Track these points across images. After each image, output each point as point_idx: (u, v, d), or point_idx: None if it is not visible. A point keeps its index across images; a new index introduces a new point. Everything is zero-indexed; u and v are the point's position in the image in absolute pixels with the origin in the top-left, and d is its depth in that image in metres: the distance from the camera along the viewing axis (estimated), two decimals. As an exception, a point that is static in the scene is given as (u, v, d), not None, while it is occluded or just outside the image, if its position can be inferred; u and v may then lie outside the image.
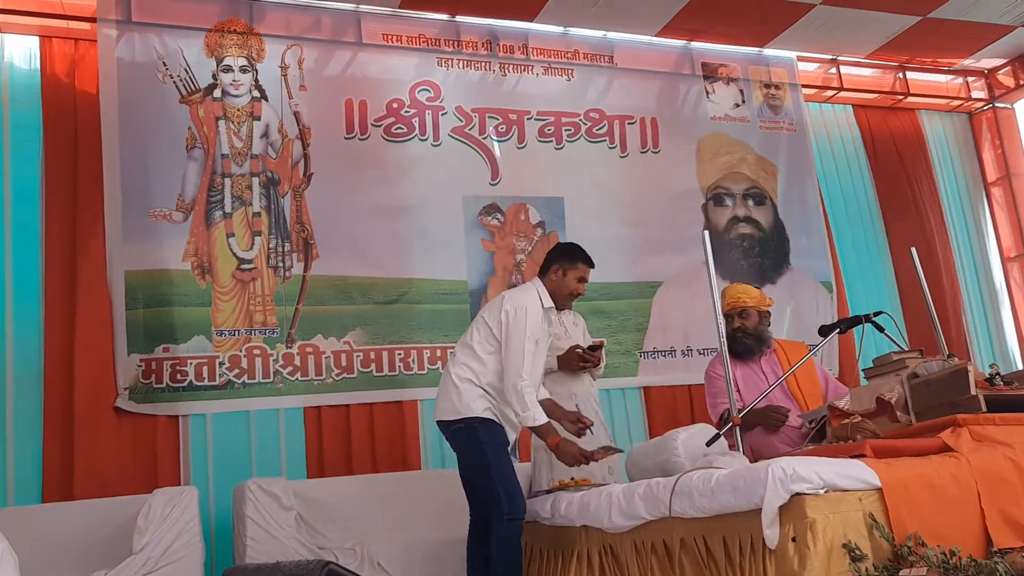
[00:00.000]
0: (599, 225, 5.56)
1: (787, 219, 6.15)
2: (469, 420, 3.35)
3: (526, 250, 5.45)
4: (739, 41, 6.33)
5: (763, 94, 6.39)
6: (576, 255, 3.63)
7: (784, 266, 6.03)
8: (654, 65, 6.10)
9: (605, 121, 5.81)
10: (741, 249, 5.94)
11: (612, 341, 5.45)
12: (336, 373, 4.83)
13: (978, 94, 7.20)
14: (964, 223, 7.03)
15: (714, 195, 5.99)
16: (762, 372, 3.86)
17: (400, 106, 5.34)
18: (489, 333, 3.43)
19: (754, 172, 6.16)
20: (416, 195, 5.22)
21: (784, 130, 6.37)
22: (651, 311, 5.58)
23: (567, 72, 5.84)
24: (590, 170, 5.70)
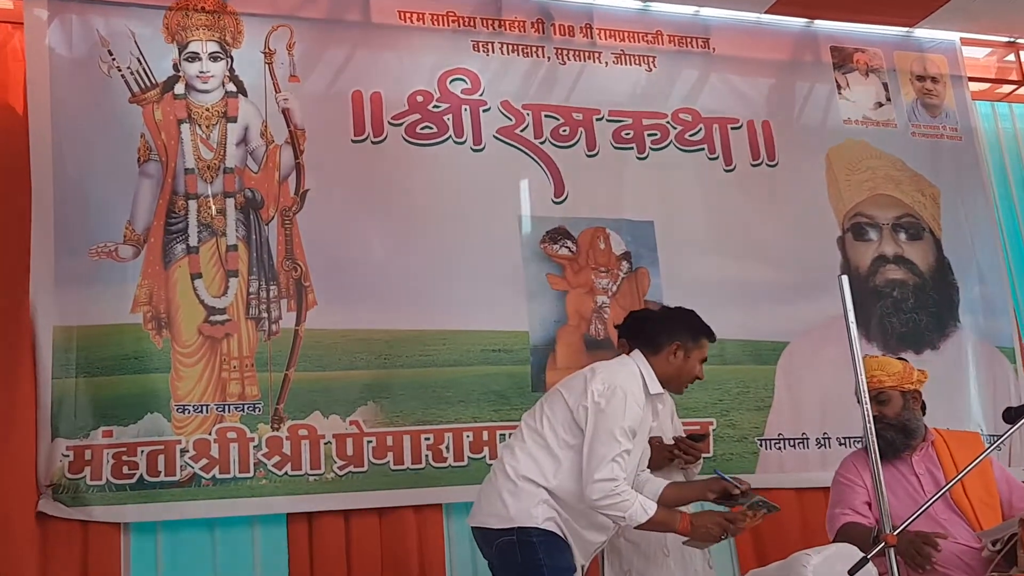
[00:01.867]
0: (702, 260, 5.47)
1: (955, 259, 6.04)
2: (525, 531, 3.35)
3: (609, 290, 5.34)
4: (881, 18, 6.25)
5: (916, 89, 6.32)
6: (700, 329, 3.70)
7: (951, 325, 5.93)
8: (765, 52, 6.05)
9: (701, 124, 5.76)
10: (891, 300, 5.83)
11: (724, 423, 5.32)
12: (339, 465, 4.70)
13: None
14: None
15: (853, 225, 5.90)
16: (913, 474, 3.86)
17: (427, 100, 5.30)
18: (569, 418, 3.46)
19: (908, 195, 6.07)
20: (453, 215, 5.13)
21: (946, 138, 6.29)
22: (775, 382, 5.47)
23: (647, 61, 5.80)
24: (685, 187, 5.62)
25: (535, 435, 3.48)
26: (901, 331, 5.76)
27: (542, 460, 3.42)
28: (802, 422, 5.46)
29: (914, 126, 6.24)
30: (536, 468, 3.41)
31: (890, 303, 5.82)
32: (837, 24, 6.23)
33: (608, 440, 3.34)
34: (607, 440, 3.34)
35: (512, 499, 3.39)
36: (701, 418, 5.23)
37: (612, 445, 3.34)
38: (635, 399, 3.45)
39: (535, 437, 3.48)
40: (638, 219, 5.46)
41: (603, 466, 3.31)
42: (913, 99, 6.29)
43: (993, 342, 5.99)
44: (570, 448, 3.41)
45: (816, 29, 6.21)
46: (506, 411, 4.91)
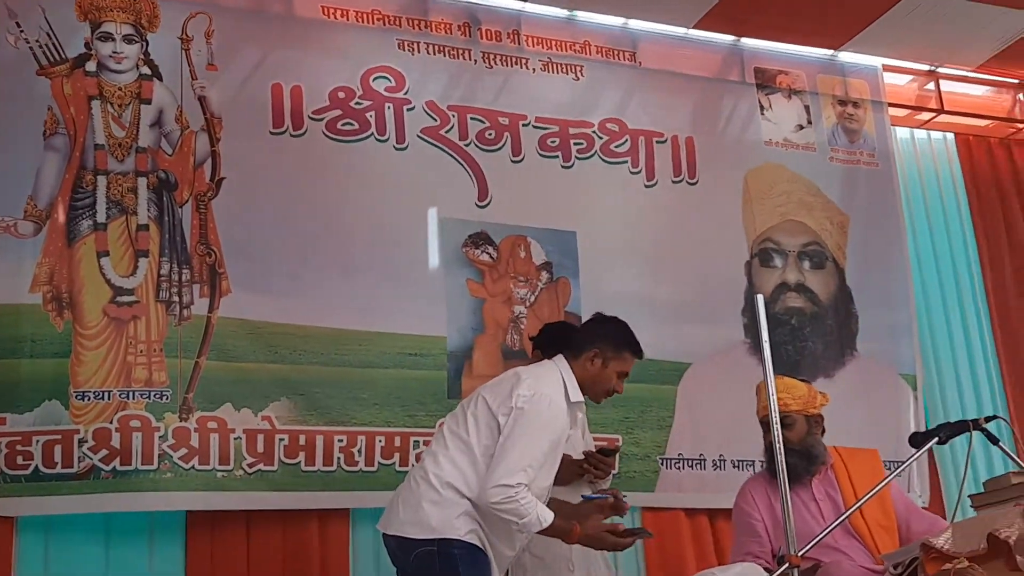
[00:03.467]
0: (621, 275, 5.62)
1: (858, 289, 6.29)
2: (447, 543, 3.37)
3: (527, 300, 5.44)
4: (805, 40, 6.53)
5: (837, 113, 6.58)
6: (624, 342, 3.76)
7: (848, 353, 6.14)
8: (691, 67, 6.27)
9: (627, 136, 5.94)
10: (789, 328, 6.02)
11: (628, 440, 5.45)
12: (249, 463, 4.70)
13: None
14: None
15: (761, 251, 6.10)
16: (813, 500, 3.94)
17: (349, 96, 5.40)
18: (492, 423, 3.49)
19: (817, 222, 6.30)
20: (374, 213, 5.22)
21: (863, 164, 6.56)
22: (676, 403, 5.64)
23: (575, 70, 5.99)
24: (608, 199, 5.79)
25: (458, 440, 3.50)
26: (795, 359, 5.94)
27: (465, 467, 3.44)
28: (701, 443, 5.62)
29: (833, 150, 6.49)
30: (459, 475, 3.43)
31: (787, 331, 6.01)
32: (762, 44, 6.49)
33: (523, 446, 3.39)
34: (522, 446, 3.39)
35: (434, 508, 3.40)
36: (608, 434, 5.35)
37: (526, 452, 3.38)
38: (557, 408, 3.50)
39: (458, 443, 3.49)
40: (561, 228, 5.59)
41: (511, 472, 3.34)
42: (834, 123, 6.55)
43: (896, 368, 6.24)
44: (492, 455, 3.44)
45: (742, 48, 6.47)
46: (421, 417, 4.98)
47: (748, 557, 3.91)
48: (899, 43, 6.56)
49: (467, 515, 3.41)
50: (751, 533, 3.94)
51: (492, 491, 3.34)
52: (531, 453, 3.40)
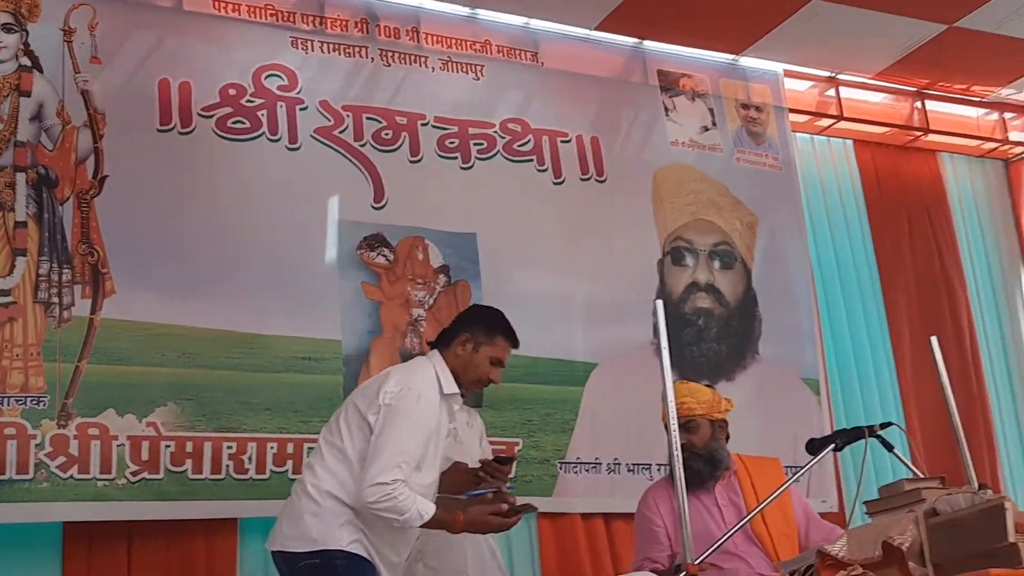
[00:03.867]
0: (526, 275, 5.61)
1: (763, 291, 6.35)
2: (330, 554, 3.39)
3: (426, 303, 5.41)
4: (708, 44, 6.60)
5: (740, 117, 6.67)
6: (496, 326, 3.78)
7: (749, 356, 6.20)
8: (594, 68, 6.30)
9: (530, 136, 5.94)
10: (696, 329, 6.08)
11: (529, 444, 5.43)
12: (132, 471, 4.59)
13: (1018, 136, 7.67)
14: (995, 308, 7.41)
15: (673, 249, 6.16)
16: (715, 505, 4.00)
17: (240, 94, 5.30)
18: (364, 425, 3.50)
19: (727, 222, 6.37)
20: (265, 214, 5.14)
21: (768, 167, 6.65)
22: (581, 405, 5.63)
23: (475, 69, 5.98)
24: (512, 198, 5.77)
25: (333, 449, 3.51)
26: (699, 360, 5.99)
27: (342, 474, 3.45)
28: (598, 447, 5.61)
29: (739, 151, 6.57)
30: (337, 483, 3.44)
31: (694, 332, 6.07)
32: (665, 47, 6.54)
33: (395, 442, 3.40)
34: (394, 442, 3.39)
35: (315, 520, 3.41)
36: (508, 438, 5.34)
37: (398, 448, 3.39)
38: (427, 401, 3.51)
39: (333, 451, 3.51)
40: (460, 231, 5.57)
41: (386, 469, 3.34)
42: (739, 126, 6.63)
43: (798, 373, 6.31)
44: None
45: (645, 50, 6.50)
46: (315, 423, 4.89)
47: (646, 563, 3.95)
48: (800, 50, 6.67)
49: (350, 524, 3.42)
50: (652, 539, 3.98)
51: (368, 491, 3.34)
52: (404, 448, 3.40)
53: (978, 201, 7.64)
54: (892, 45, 6.71)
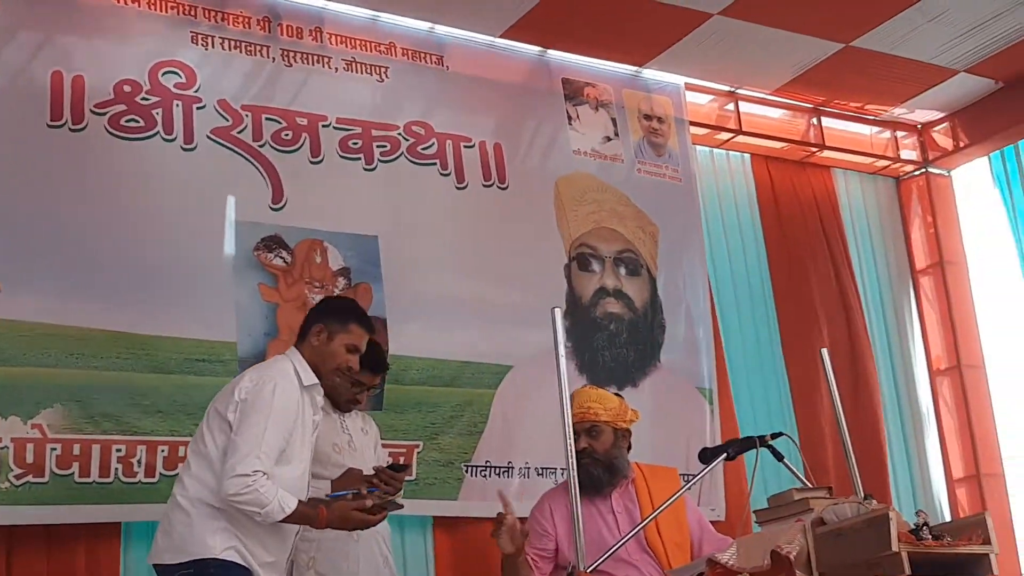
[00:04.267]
0: (430, 278, 5.61)
1: (666, 299, 6.47)
2: (203, 563, 3.41)
3: None
4: (611, 55, 6.70)
5: (643, 128, 6.75)
6: (349, 313, 3.83)
7: (652, 363, 6.30)
8: (499, 74, 6.34)
9: (434, 139, 5.95)
10: (607, 334, 6.16)
11: (431, 446, 5.44)
12: (16, 474, 4.48)
13: (909, 154, 7.93)
14: (884, 321, 7.64)
15: (578, 255, 6.22)
16: (611, 512, 4.03)
17: (135, 91, 5.20)
18: (224, 425, 3.53)
19: (630, 230, 6.46)
20: (160, 213, 5.06)
21: (668, 178, 6.75)
22: (492, 408, 5.66)
23: (379, 71, 5.96)
24: (415, 201, 5.77)
25: (198, 456, 3.54)
26: (610, 365, 6.07)
27: (208, 478, 3.46)
28: (511, 450, 5.66)
29: (640, 163, 6.66)
30: (205, 488, 3.45)
31: (606, 336, 6.16)
32: (569, 56, 6.61)
33: (253, 433, 3.41)
34: (251, 433, 3.41)
35: (186, 530, 3.42)
36: (407, 440, 5.34)
37: (256, 438, 3.40)
38: (284, 391, 3.52)
39: (199, 458, 3.53)
40: (361, 233, 5.55)
41: (245, 460, 3.36)
42: (640, 137, 6.71)
43: (693, 382, 6.42)
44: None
45: (549, 59, 6.56)
46: None
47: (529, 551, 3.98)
48: (701, 64, 6.80)
49: (224, 531, 3.43)
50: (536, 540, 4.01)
51: (228, 483, 3.36)
52: (262, 439, 3.41)
53: (870, 217, 7.82)
54: (790, 62, 6.88)
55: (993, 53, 6.88)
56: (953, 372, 7.65)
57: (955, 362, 7.64)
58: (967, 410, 7.54)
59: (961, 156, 7.84)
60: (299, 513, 3.43)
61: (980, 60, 6.96)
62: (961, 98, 7.51)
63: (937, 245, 7.83)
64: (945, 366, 7.68)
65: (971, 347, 7.68)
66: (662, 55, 6.64)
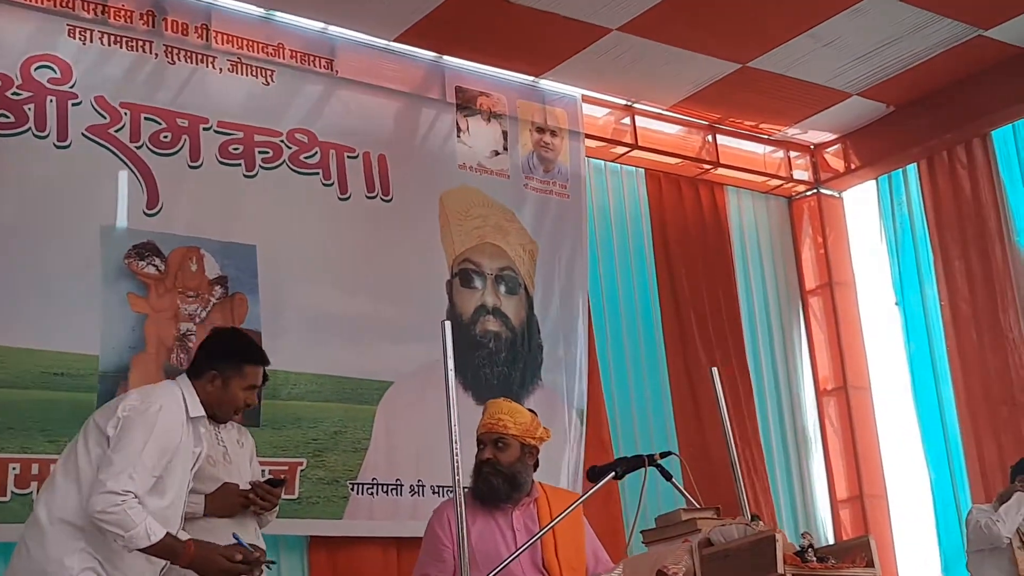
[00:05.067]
0: (310, 290, 5.54)
1: (544, 318, 6.48)
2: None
3: (197, 316, 5.25)
4: (508, 64, 6.66)
5: (534, 141, 6.74)
6: (242, 356, 3.71)
7: (534, 382, 6.33)
8: (390, 80, 6.27)
9: (317, 148, 5.85)
10: (487, 352, 6.17)
11: (315, 463, 5.36)
12: None
13: (801, 174, 8.05)
14: (772, 341, 7.74)
15: (461, 271, 6.22)
16: (511, 529, 4.01)
17: (6, 85, 5.03)
18: (102, 439, 3.41)
19: (512, 248, 6.46)
20: (26, 215, 4.92)
21: (555, 194, 6.75)
22: (374, 424, 5.61)
23: (266, 73, 5.85)
24: (296, 211, 5.69)
25: (66, 472, 3.41)
26: (493, 383, 6.07)
27: (74, 496, 3.34)
28: (398, 467, 5.62)
29: (527, 178, 6.64)
30: (69, 507, 3.33)
31: (486, 354, 6.16)
32: (465, 63, 6.56)
33: (128, 451, 3.31)
34: (127, 451, 3.31)
35: (42, 550, 3.30)
36: (291, 458, 5.27)
37: (131, 457, 3.30)
38: (169, 414, 3.43)
39: (66, 475, 3.40)
40: (239, 241, 5.45)
41: (117, 477, 3.25)
42: (530, 151, 6.69)
43: (570, 403, 6.44)
44: None
45: (444, 65, 6.49)
46: (64, 442, 4.54)
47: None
48: (599, 77, 6.82)
49: (83, 552, 3.31)
50: (436, 557, 3.98)
51: (96, 498, 3.24)
52: (140, 457, 3.31)
53: (761, 236, 7.91)
54: (688, 80, 6.95)
55: (886, 78, 7.05)
56: (839, 393, 7.77)
57: (842, 383, 7.77)
58: (852, 431, 7.68)
59: (852, 178, 7.96)
60: (164, 544, 3.31)
61: (873, 84, 7.13)
62: (853, 121, 7.65)
63: (827, 265, 7.95)
64: (832, 387, 7.80)
65: (858, 368, 7.82)
66: (560, 66, 6.66)
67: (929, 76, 7.00)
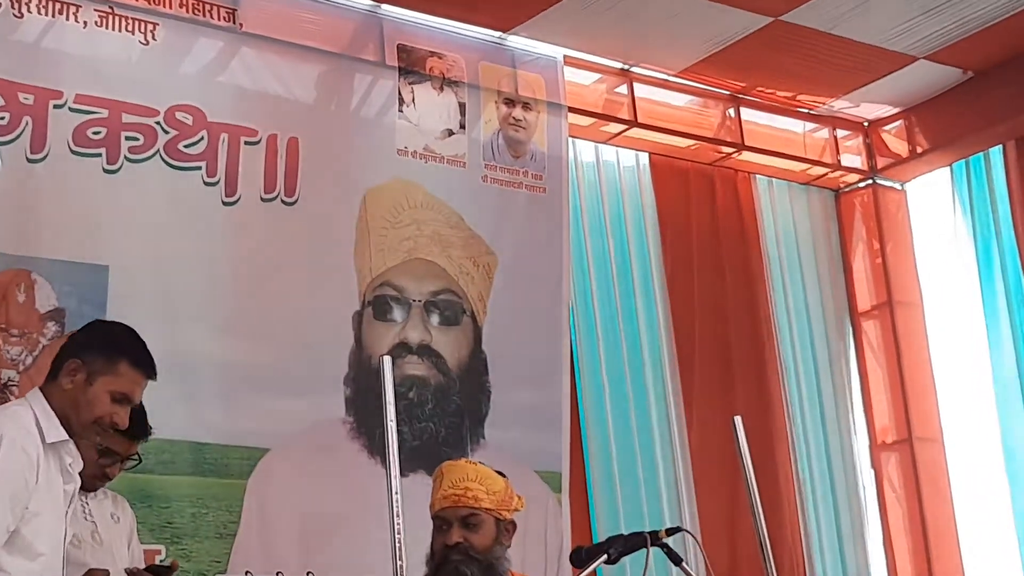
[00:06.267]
0: (168, 329, 5.30)
1: (497, 355, 6.32)
2: None
3: (22, 362, 5.08)
4: (467, 15, 6.47)
5: (501, 116, 6.57)
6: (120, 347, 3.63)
7: (474, 440, 6.21)
8: (312, 36, 6.06)
9: (204, 131, 5.63)
10: (406, 404, 5.95)
11: (176, 552, 5.25)
12: None
13: (852, 160, 7.84)
14: (814, 380, 7.57)
15: (377, 299, 6.05)
16: None
17: None
18: None
19: (455, 263, 6.29)
20: None
21: (525, 187, 6.58)
22: (244, 502, 5.52)
23: (145, 28, 5.60)
24: (167, 221, 5.50)
25: None
26: (413, 444, 5.91)
27: None
28: (277, 556, 5.53)
29: (488, 167, 6.47)
30: None
31: (403, 408, 5.85)
32: (410, 14, 6.36)
33: None
34: None
35: None
36: (146, 544, 5.00)
37: None
38: (14, 447, 3.35)
39: None
40: (87, 261, 5.26)
41: None
42: (496, 130, 6.52)
43: (532, 465, 6.27)
44: None
45: (383, 16, 6.29)
46: None
47: None
48: (587, 32, 6.64)
49: None
50: None
51: None
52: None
53: (800, 241, 7.76)
54: (704, 37, 6.75)
55: (963, 36, 6.84)
56: (903, 447, 7.64)
57: (906, 434, 7.63)
58: (919, 498, 7.52)
59: (918, 164, 7.82)
60: None
61: (945, 44, 6.93)
62: (920, 91, 7.50)
63: (885, 280, 7.79)
64: (893, 439, 7.66)
65: (927, 414, 7.67)
66: (536, 18, 6.45)
67: (1019, 34, 6.83)
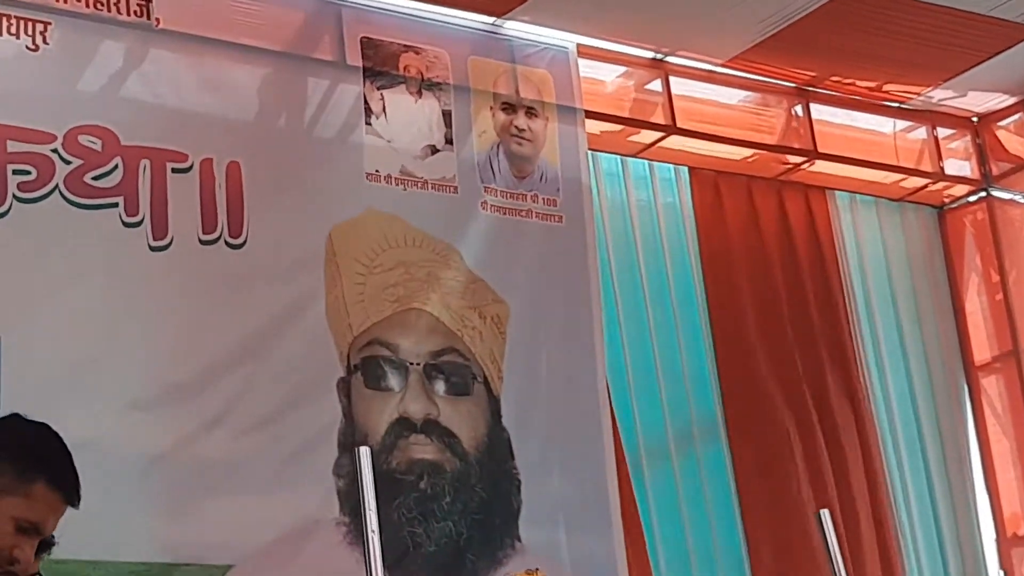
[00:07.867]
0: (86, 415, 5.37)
1: (521, 432, 6.40)
2: None
3: None
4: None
5: (499, 125, 6.69)
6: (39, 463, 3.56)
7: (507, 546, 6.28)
8: (252, 33, 6.22)
9: (118, 158, 5.77)
10: (417, 497, 6.08)
11: None
12: None
13: (958, 166, 7.94)
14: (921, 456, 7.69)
15: (365, 360, 6.15)
16: None
17: None
18: None
19: (456, 315, 6.38)
20: None
21: (536, 215, 6.70)
22: None
23: (33, 28, 5.77)
24: (75, 274, 5.63)
25: None
26: (429, 550, 6.00)
27: None
28: None
29: (488, 190, 6.57)
30: None
31: (414, 502, 6.04)
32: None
33: None
34: None
35: None
36: None
37: None
38: None
39: None
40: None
41: None
42: (493, 142, 6.63)
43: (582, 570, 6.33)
44: None
45: (343, 4, 6.42)
46: None
47: None
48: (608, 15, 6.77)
49: None
50: None
51: None
52: None
53: (894, 273, 7.87)
54: (757, 16, 6.85)
55: None
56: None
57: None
58: None
59: None
60: None
61: None
62: None
63: (1009, 322, 7.86)
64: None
65: None
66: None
67: None
